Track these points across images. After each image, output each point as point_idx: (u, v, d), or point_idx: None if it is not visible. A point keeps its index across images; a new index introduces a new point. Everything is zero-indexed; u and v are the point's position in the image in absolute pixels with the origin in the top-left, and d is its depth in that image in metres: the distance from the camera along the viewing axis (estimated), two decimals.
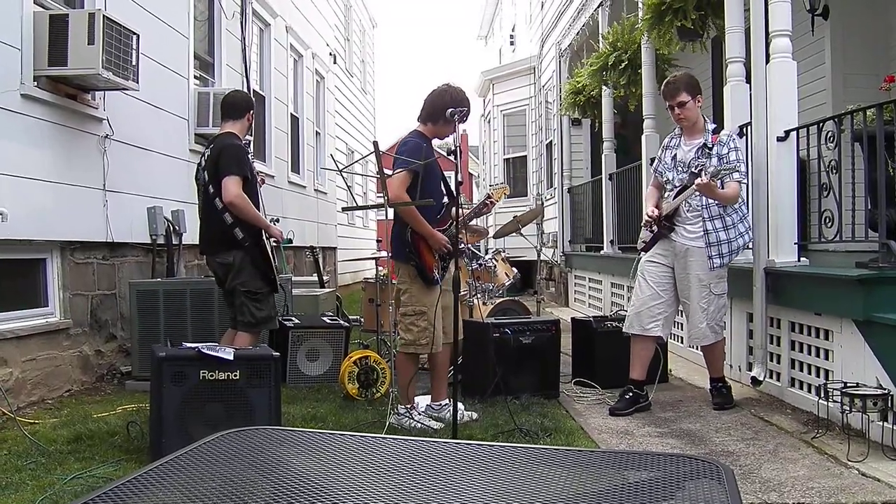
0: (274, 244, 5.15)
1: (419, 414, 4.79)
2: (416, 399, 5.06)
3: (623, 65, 8.64)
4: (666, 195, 5.27)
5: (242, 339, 4.92)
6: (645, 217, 5.28)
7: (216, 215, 4.93)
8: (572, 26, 12.03)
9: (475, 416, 4.87)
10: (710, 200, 4.97)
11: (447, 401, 4.90)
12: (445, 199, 4.99)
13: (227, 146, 4.97)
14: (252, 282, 4.98)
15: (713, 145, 5.02)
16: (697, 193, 4.91)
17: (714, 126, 5.16)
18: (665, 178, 5.26)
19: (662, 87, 5.30)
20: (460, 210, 4.54)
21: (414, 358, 4.86)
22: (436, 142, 5.13)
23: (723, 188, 4.87)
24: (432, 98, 4.87)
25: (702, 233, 5.03)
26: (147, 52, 6.36)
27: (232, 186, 4.83)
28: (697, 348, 5.56)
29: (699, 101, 5.13)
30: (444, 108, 4.71)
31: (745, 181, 5.11)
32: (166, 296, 6.02)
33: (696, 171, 5.01)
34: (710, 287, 5.05)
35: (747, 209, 5.21)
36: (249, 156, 5.23)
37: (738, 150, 5.04)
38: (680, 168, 5.16)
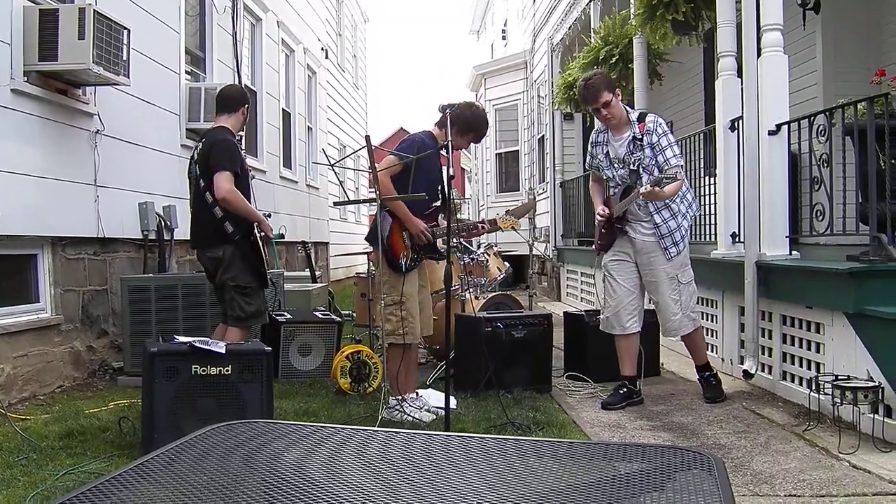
0: (262, 237, 5.12)
1: (410, 407, 4.79)
2: (421, 392, 5.08)
3: (614, 59, 8.65)
4: (612, 193, 5.27)
5: (233, 333, 4.91)
6: (597, 218, 5.29)
7: (207, 209, 4.91)
8: (564, 21, 12.03)
9: (433, 416, 4.80)
10: None
11: (413, 394, 4.91)
12: (437, 204, 4.97)
13: (219, 141, 4.95)
14: (242, 276, 4.97)
15: (642, 135, 5.03)
16: (642, 199, 4.92)
17: (637, 114, 5.17)
18: (606, 176, 5.27)
19: (581, 92, 5.25)
20: (452, 212, 4.60)
21: (400, 349, 4.86)
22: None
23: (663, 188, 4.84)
24: (463, 113, 4.84)
25: (654, 227, 5.06)
26: (138, 47, 6.34)
27: (223, 182, 4.81)
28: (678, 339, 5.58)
29: (618, 95, 5.15)
30: (461, 119, 4.76)
31: (682, 162, 5.12)
32: (158, 291, 6.01)
33: (634, 169, 5.03)
34: (678, 277, 5.10)
35: (686, 187, 5.22)
36: (241, 150, 5.21)
37: (667, 133, 5.05)
38: (616, 165, 5.16)
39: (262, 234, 5.09)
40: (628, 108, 5.21)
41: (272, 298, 6.72)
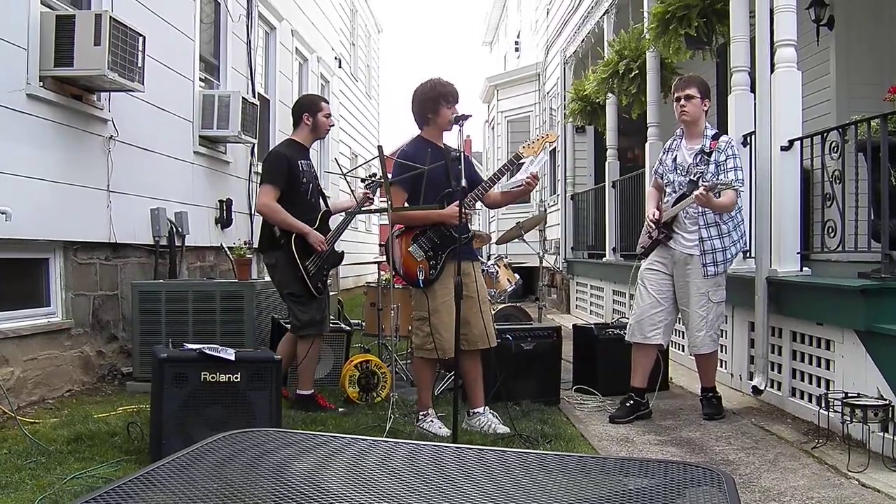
0: (313, 253, 5.18)
1: (430, 421, 4.76)
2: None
3: (633, 73, 8.63)
4: (666, 198, 5.26)
5: (302, 346, 5.21)
6: (647, 220, 5.28)
7: None
8: (577, 34, 12.05)
9: (507, 430, 4.71)
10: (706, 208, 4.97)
11: (481, 409, 4.85)
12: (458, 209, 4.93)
13: (269, 154, 5.28)
14: (293, 284, 5.14)
15: (711, 151, 5.02)
16: (695, 203, 4.91)
17: (714, 132, 5.14)
18: (666, 180, 5.26)
19: (676, 80, 5.31)
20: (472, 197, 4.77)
21: (427, 363, 4.84)
22: (453, 142, 5.10)
23: (719, 197, 4.86)
24: (413, 106, 4.94)
25: (697, 240, 5.03)
26: (153, 53, 6.38)
27: (261, 196, 5.11)
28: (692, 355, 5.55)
29: (706, 105, 5.13)
30: (424, 105, 4.84)
31: (742, 188, 5.10)
32: (168, 297, 6.02)
33: (694, 179, 5.02)
34: (709, 295, 5.04)
35: (742, 217, 5.20)
36: (302, 162, 5.22)
37: (736, 157, 5.03)
38: (680, 171, 5.16)
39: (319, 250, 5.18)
40: (708, 124, 5.20)
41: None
